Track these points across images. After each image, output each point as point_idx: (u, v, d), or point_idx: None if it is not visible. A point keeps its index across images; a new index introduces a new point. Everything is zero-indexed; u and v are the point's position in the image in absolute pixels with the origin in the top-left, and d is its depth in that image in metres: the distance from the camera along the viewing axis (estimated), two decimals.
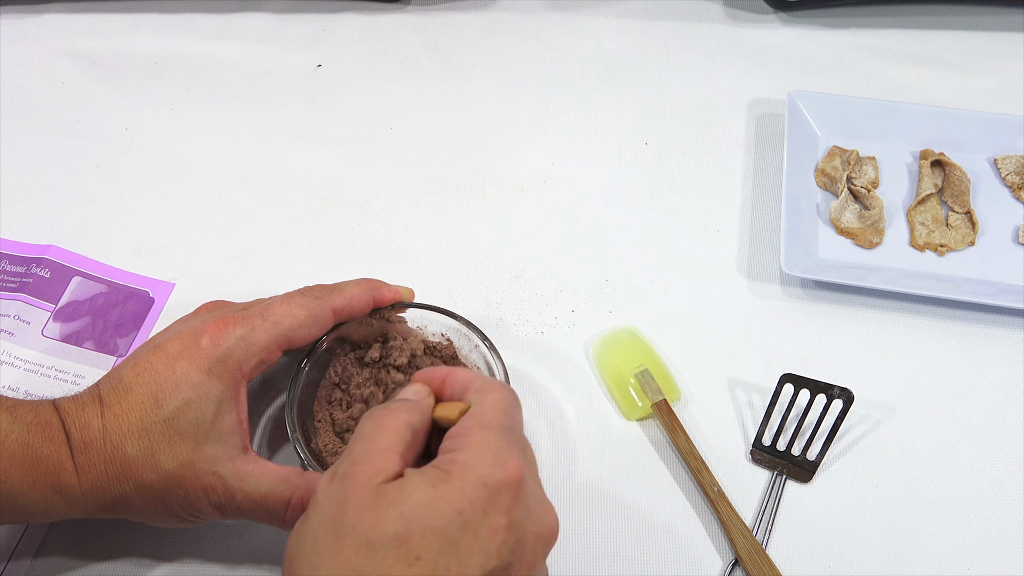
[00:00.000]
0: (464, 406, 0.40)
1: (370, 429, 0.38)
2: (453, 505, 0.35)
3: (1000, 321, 0.59)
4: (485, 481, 0.35)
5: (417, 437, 0.39)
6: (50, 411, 0.43)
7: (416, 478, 0.36)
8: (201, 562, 0.49)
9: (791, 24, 0.76)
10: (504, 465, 0.36)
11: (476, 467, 0.36)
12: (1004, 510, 0.52)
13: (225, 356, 0.44)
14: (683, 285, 0.60)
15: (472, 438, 0.37)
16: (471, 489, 0.35)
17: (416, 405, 0.40)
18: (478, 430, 0.37)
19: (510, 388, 0.40)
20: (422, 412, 0.40)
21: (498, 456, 0.36)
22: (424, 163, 0.67)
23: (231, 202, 0.64)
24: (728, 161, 0.67)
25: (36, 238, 0.61)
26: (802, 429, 0.53)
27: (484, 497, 0.35)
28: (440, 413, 0.40)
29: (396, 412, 0.39)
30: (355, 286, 0.49)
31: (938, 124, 0.66)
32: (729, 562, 0.49)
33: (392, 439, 0.37)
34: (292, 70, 0.72)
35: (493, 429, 0.38)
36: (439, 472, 0.36)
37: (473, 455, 0.36)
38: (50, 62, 0.72)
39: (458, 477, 0.35)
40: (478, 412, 0.39)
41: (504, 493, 0.36)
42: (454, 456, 0.37)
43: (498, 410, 0.39)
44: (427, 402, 0.41)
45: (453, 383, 0.41)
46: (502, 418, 0.38)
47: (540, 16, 0.77)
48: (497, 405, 0.39)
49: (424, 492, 0.35)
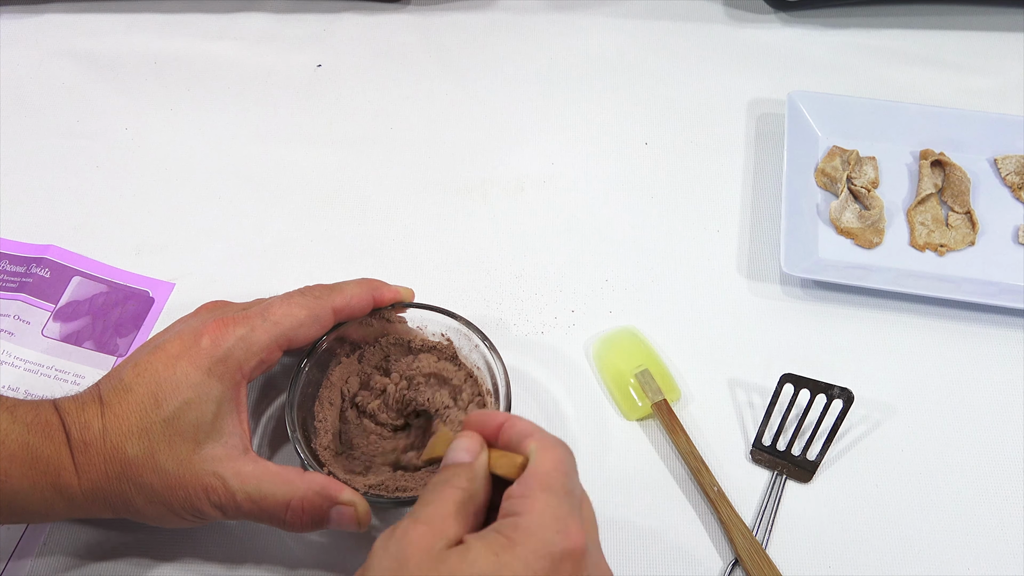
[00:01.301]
0: (523, 460, 0.38)
1: (430, 496, 0.38)
2: (516, 574, 0.34)
3: (1000, 321, 0.59)
4: (549, 550, 0.35)
5: (476, 500, 0.38)
6: (50, 411, 0.43)
7: (478, 545, 0.35)
8: (201, 562, 0.49)
9: (791, 24, 0.76)
10: (567, 532, 0.36)
11: (539, 534, 0.35)
12: (1004, 510, 0.52)
13: (225, 356, 0.44)
14: (683, 285, 0.60)
15: (534, 501, 0.36)
16: (534, 558, 0.35)
17: (472, 469, 0.39)
18: (540, 493, 0.37)
19: (568, 447, 0.39)
20: (480, 476, 0.39)
21: (560, 523, 0.36)
22: (424, 163, 0.67)
23: (231, 202, 0.64)
24: (728, 161, 0.67)
25: (36, 238, 0.61)
26: (802, 429, 0.53)
27: (547, 567, 0.35)
28: (500, 470, 0.39)
29: (454, 480, 0.38)
30: (355, 286, 0.49)
31: (938, 124, 0.66)
32: (729, 562, 0.49)
33: (452, 507, 0.37)
34: (292, 70, 0.72)
35: (555, 493, 0.37)
36: (501, 539, 0.35)
37: (535, 521, 0.36)
38: (50, 62, 0.72)
39: (521, 545, 0.35)
40: (540, 473, 0.37)
41: (567, 562, 0.35)
42: (516, 521, 0.36)
43: (559, 471, 0.38)
44: (482, 461, 0.39)
45: (510, 432, 0.40)
46: (563, 480, 0.37)
47: (540, 16, 0.77)
48: (559, 466, 0.38)
49: (487, 560, 0.34)
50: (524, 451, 0.39)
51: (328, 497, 0.44)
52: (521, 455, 0.39)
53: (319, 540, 0.49)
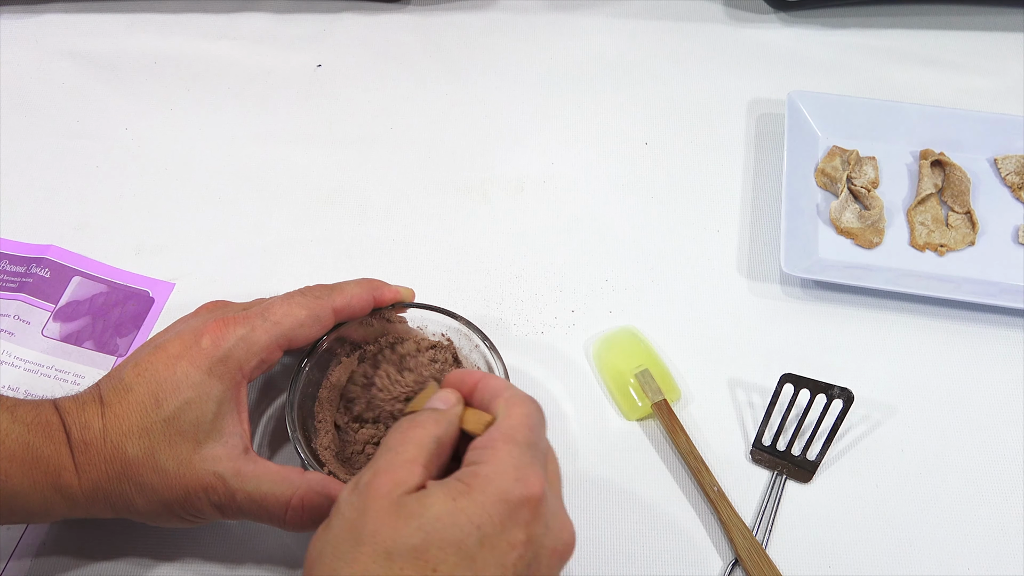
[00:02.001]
0: (490, 418, 0.39)
1: (396, 440, 0.38)
2: (472, 519, 0.35)
3: (1000, 321, 0.59)
4: (506, 496, 0.35)
5: (443, 448, 0.39)
6: (51, 411, 0.43)
7: (437, 490, 0.36)
8: (201, 562, 0.49)
9: (791, 24, 0.76)
10: (526, 481, 0.36)
11: (497, 481, 0.36)
12: (1004, 510, 0.52)
13: (226, 356, 0.44)
14: (683, 285, 0.60)
15: (496, 452, 0.37)
16: (491, 504, 0.35)
17: (444, 416, 0.40)
18: (502, 444, 0.37)
19: (536, 402, 0.40)
20: (449, 423, 0.39)
21: (520, 471, 0.36)
22: (424, 163, 0.67)
23: (231, 202, 0.64)
24: (728, 161, 0.67)
25: (36, 238, 0.61)
26: (802, 429, 0.53)
27: (503, 512, 0.35)
28: (468, 425, 0.40)
29: (423, 424, 0.39)
30: (355, 286, 0.49)
31: (938, 124, 0.66)
32: (729, 562, 0.49)
33: (416, 451, 0.37)
34: (292, 70, 0.72)
35: (517, 444, 0.38)
36: (460, 485, 0.36)
37: (495, 469, 0.36)
38: (50, 62, 0.72)
39: (479, 491, 0.35)
40: (504, 425, 0.38)
41: (524, 509, 0.36)
42: (476, 469, 0.37)
43: (524, 424, 0.39)
44: (455, 411, 0.40)
45: (484, 390, 0.41)
46: (528, 433, 0.38)
47: (540, 16, 0.77)
48: (524, 420, 0.39)
49: (444, 505, 0.35)
50: (495, 409, 0.40)
51: (328, 496, 0.44)
52: (490, 415, 0.40)
53: None
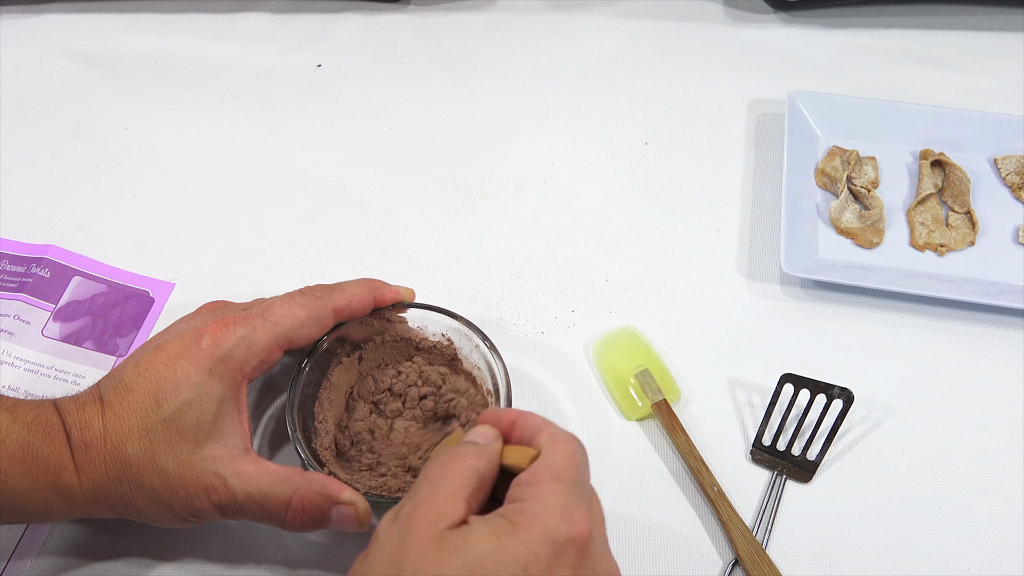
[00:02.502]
0: (534, 452, 0.38)
1: (436, 472, 0.37)
2: (518, 559, 0.34)
3: (1000, 321, 0.59)
4: (553, 536, 0.34)
5: (484, 483, 0.38)
6: (51, 411, 0.43)
7: (481, 527, 0.35)
8: (201, 562, 0.49)
9: (791, 24, 0.76)
10: (572, 521, 0.35)
11: (544, 520, 0.35)
12: (1004, 510, 0.52)
13: (226, 356, 0.44)
14: (683, 285, 0.60)
15: (542, 489, 0.36)
16: (537, 544, 0.34)
17: (484, 450, 0.38)
18: (549, 481, 0.36)
19: (579, 440, 0.39)
20: (490, 458, 0.38)
21: (567, 511, 0.35)
22: (424, 163, 0.67)
23: (231, 202, 0.64)
24: (728, 161, 0.67)
25: (36, 238, 0.61)
26: (802, 429, 0.53)
27: (550, 553, 0.34)
28: (510, 460, 0.39)
29: (464, 457, 0.38)
30: (356, 286, 0.49)
31: (938, 124, 0.66)
32: (729, 562, 0.49)
33: (458, 484, 0.36)
34: (292, 70, 0.72)
35: (563, 482, 0.36)
36: (505, 523, 0.35)
37: (541, 507, 0.35)
38: (50, 62, 0.72)
39: (524, 530, 0.34)
40: (549, 462, 0.37)
41: (570, 550, 0.35)
42: (521, 507, 0.36)
43: (570, 462, 0.37)
44: (495, 447, 0.39)
45: (523, 427, 0.40)
46: (573, 472, 0.37)
47: (540, 16, 0.77)
48: (570, 457, 0.38)
49: (489, 542, 0.34)
50: (536, 445, 0.39)
51: (328, 497, 0.43)
52: (533, 448, 0.39)
53: (319, 540, 0.49)
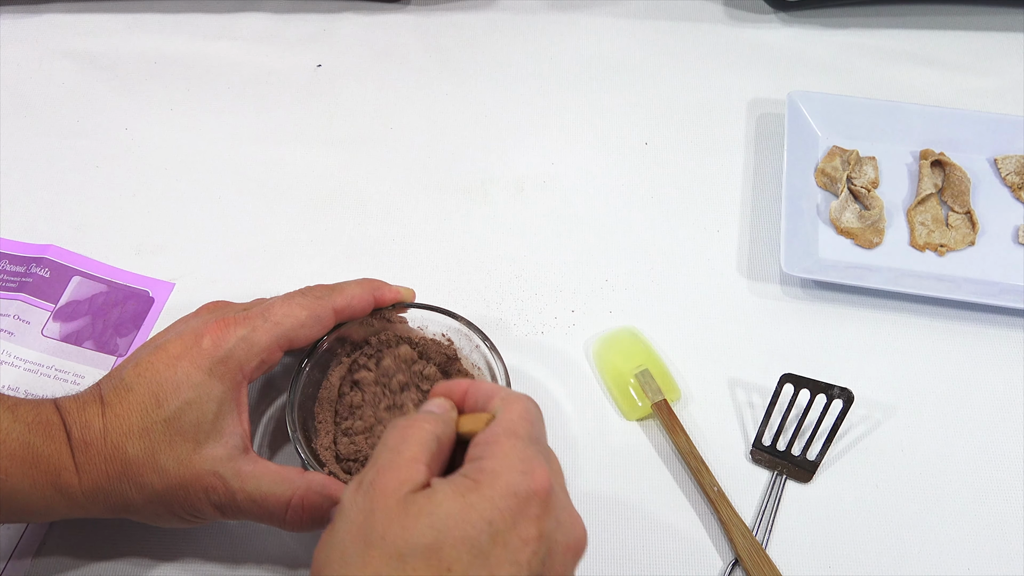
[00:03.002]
0: (489, 416, 0.39)
1: (395, 439, 0.37)
2: (483, 515, 0.34)
3: (1000, 321, 0.59)
4: (514, 490, 0.35)
5: (442, 448, 0.38)
6: (51, 410, 0.43)
7: (445, 487, 0.35)
8: (201, 562, 0.49)
9: (791, 24, 0.76)
10: (532, 474, 0.36)
11: (505, 476, 0.35)
12: (1004, 510, 0.52)
13: (226, 357, 0.44)
14: (683, 285, 0.60)
15: (500, 446, 0.37)
16: (500, 498, 0.35)
17: (440, 417, 0.39)
18: (505, 438, 0.37)
19: (533, 400, 0.40)
20: (446, 424, 0.39)
21: (526, 464, 0.36)
22: (424, 163, 0.67)
23: (231, 202, 0.64)
24: (728, 161, 0.67)
25: (36, 238, 0.61)
26: (802, 429, 0.53)
27: (514, 507, 0.35)
28: (465, 426, 0.39)
29: (421, 422, 0.38)
30: (356, 286, 0.49)
31: (938, 124, 0.66)
32: (729, 562, 0.49)
33: (418, 449, 0.37)
34: (292, 70, 0.72)
35: (520, 438, 0.37)
36: (467, 481, 0.35)
37: (501, 463, 0.36)
38: (50, 62, 0.72)
39: (487, 486, 0.35)
40: (505, 420, 0.38)
41: (533, 503, 0.35)
42: (482, 464, 0.36)
43: (524, 420, 0.38)
44: (451, 415, 0.40)
45: (476, 394, 0.40)
46: (529, 428, 0.38)
47: (540, 16, 0.77)
48: (523, 415, 0.38)
49: (454, 501, 0.34)
50: (491, 410, 0.39)
51: (328, 496, 0.44)
52: (487, 413, 0.39)
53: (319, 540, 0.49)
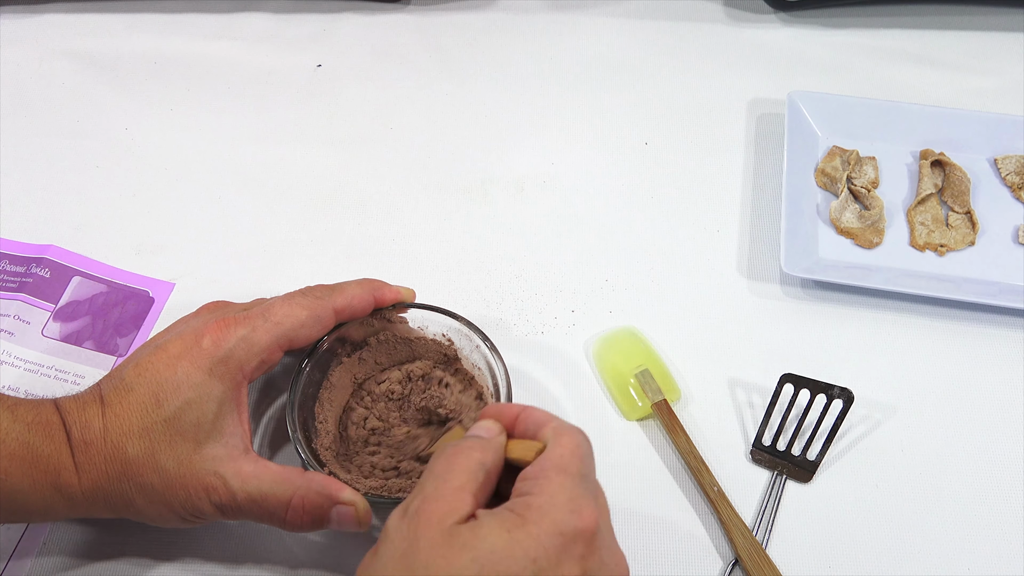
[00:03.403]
0: (539, 446, 0.38)
1: (442, 467, 0.37)
2: (528, 552, 0.34)
3: (1000, 321, 0.59)
4: (561, 529, 0.35)
5: (490, 477, 0.38)
6: (51, 410, 0.43)
7: (490, 521, 0.35)
8: (201, 562, 0.49)
9: (791, 24, 0.76)
10: (580, 513, 0.35)
11: (552, 513, 0.35)
12: (1004, 510, 0.52)
13: (227, 357, 0.44)
14: (683, 285, 0.60)
15: (549, 482, 0.36)
16: (546, 536, 0.34)
17: (489, 444, 0.39)
18: (555, 474, 0.36)
19: (585, 433, 0.39)
20: (495, 451, 0.39)
21: (574, 503, 0.36)
22: (424, 163, 0.67)
23: (231, 202, 0.64)
24: (728, 161, 0.67)
25: (36, 238, 0.61)
26: (802, 429, 0.53)
27: (559, 545, 0.34)
28: (515, 455, 0.39)
29: (469, 451, 0.38)
30: (356, 286, 0.49)
31: (938, 124, 0.66)
32: (729, 562, 0.49)
33: (465, 479, 0.37)
34: (292, 70, 0.72)
35: (570, 475, 0.37)
36: (514, 516, 0.35)
37: (549, 500, 0.35)
38: (50, 62, 0.72)
39: (533, 523, 0.35)
40: (555, 455, 0.37)
41: (579, 542, 0.35)
42: (529, 500, 0.36)
43: (576, 455, 0.38)
44: (500, 440, 0.39)
45: (527, 420, 0.40)
46: (579, 464, 0.37)
47: (540, 16, 0.77)
48: (575, 450, 0.38)
49: (499, 536, 0.34)
50: (541, 439, 0.39)
51: (329, 497, 0.44)
52: (538, 442, 0.39)
53: (319, 540, 0.49)
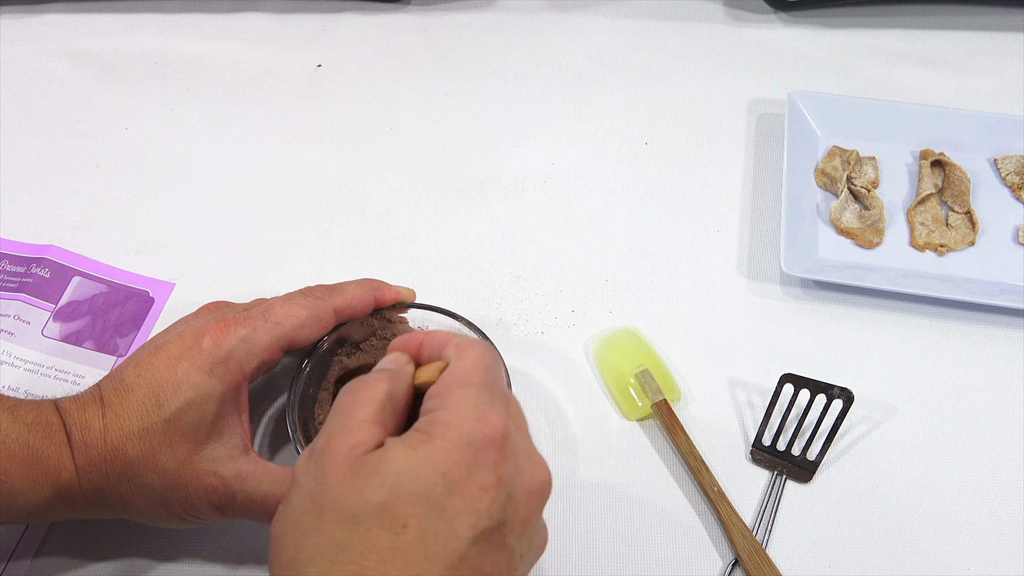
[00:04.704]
0: (443, 365, 0.38)
1: (347, 402, 0.37)
2: (437, 467, 0.33)
3: (1000, 321, 0.59)
4: (468, 439, 0.34)
5: (398, 406, 0.37)
6: (51, 411, 0.43)
7: (396, 444, 0.34)
8: (201, 562, 0.49)
9: (791, 24, 0.76)
10: (487, 421, 0.35)
11: (458, 425, 0.34)
12: (1004, 510, 0.52)
13: (227, 357, 0.44)
14: (683, 285, 0.60)
15: (452, 396, 0.36)
16: (454, 448, 0.34)
17: (394, 373, 0.38)
18: (458, 387, 0.36)
19: (490, 344, 0.38)
20: (401, 379, 0.38)
21: (480, 412, 0.35)
22: (424, 163, 0.67)
23: (231, 202, 0.64)
24: (728, 161, 0.67)
25: (36, 238, 0.61)
26: (802, 429, 0.53)
27: (468, 455, 0.34)
28: (421, 378, 0.38)
29: (373, 382, 0.37)
30: (356, 286, 0.49)
31: (938, 124, 0.66)
32: (729, 562, 0.49)
33: (370, 410, 0.36)
34: (292, 70, 0.72)
35: (474, 385, 0.36)
36: (419, 435, 0.35)
37: (454, 413, 0.35)
38: (50, 62, 0.72)
39: (439, 437, 0.34)
40: (457, 369, 0.37)
41: (489, 450, 0.34)
42: (434, 416, 0.35)
43: (478, 366, 0.37)
44: (407, 369, 0.39)
45: (431, 345, 0.40)
46: (483, 374, 0.37)
47: (540, 16, 0.77)
48: (477, 361, 0.37)
49: (405, 457, 0.34)
50: (445, 358, 0.38)
51: None
52: (442, 362, 0.38)
53: None
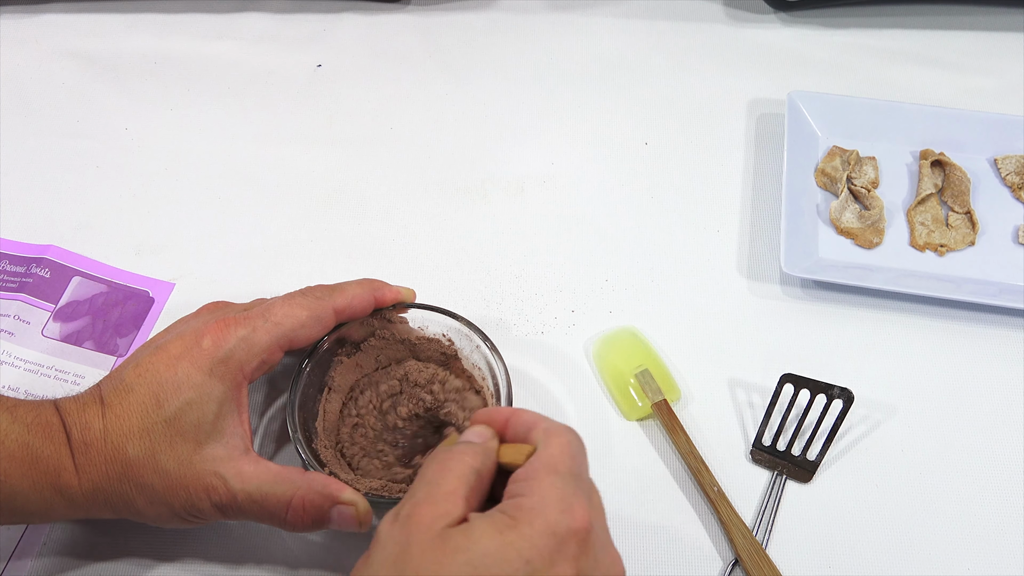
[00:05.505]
0: (530, 448, 0.38)
1: (434, 472, 0.37)
2: (521, 553, 0.34)
3: (1000, 321, 0.59)
4: (553, 529, 0.35)
5: (483, 482, 0.38)
6: (51, 411, 0.43)
7: (482, 523, 0.35)
8: (201, 562, 0.49)
9: (791, 24, 0.76)
10: (572, 513, 0.35)
11: (544, 514, 0.35)
12: (1004, 510, 0.52)
13: (227, 357, 0.44)
14: (683, 285, 0.60)
15: (539, 483, 0.36)
16: (539, 537, 0.34)
17: (481, 448, 0.39)
18: (545, 475, 0.36)
19: (576, 432, 0.39)
20: (487, 455, 0.38)
21: (566, 503, 0.35)
22: (424, 163, 0.67)
23: (231, 202, 0.64)
24: (728, 161, 0.67)
25: (36, 238, 0.61)
26: (802, 429, 0.53)
27: (551, 546, 0.34)
28: (506, 459, 0.39)
29: (461, 455, 0.38)
30: (356, 286, 0.49)
31: (938, 124, 0.66)
32: (729, 562, 0.49)
33: (457, 483, 0.37)
34: (292, 70, 0.72)
35: (561, 475, 0.37)
36: (505, 518, 0.35)
37: (540, 501, 0.35)
38: (50, 62, 0.72)
39: (525, 524, 0.35)
40: (545, 455, 0.37)
41: (571, 542, 0.35)
42: (520, 502, 0.36)
43: (566, 454, 0.38)
44: (491, 445, 0.39)
45: (517, 424, 0.40)
46: (570, 463, 0.37)
47: (540, 16, 0.77)
48: (565, 449, 0.38)
49: (491, 539, 0.34)
50: (532, 441, 0.39)
51: (329, 497, 0.44)
52: (529, 445, 0.39)
53: (319, 540, 0.50)
